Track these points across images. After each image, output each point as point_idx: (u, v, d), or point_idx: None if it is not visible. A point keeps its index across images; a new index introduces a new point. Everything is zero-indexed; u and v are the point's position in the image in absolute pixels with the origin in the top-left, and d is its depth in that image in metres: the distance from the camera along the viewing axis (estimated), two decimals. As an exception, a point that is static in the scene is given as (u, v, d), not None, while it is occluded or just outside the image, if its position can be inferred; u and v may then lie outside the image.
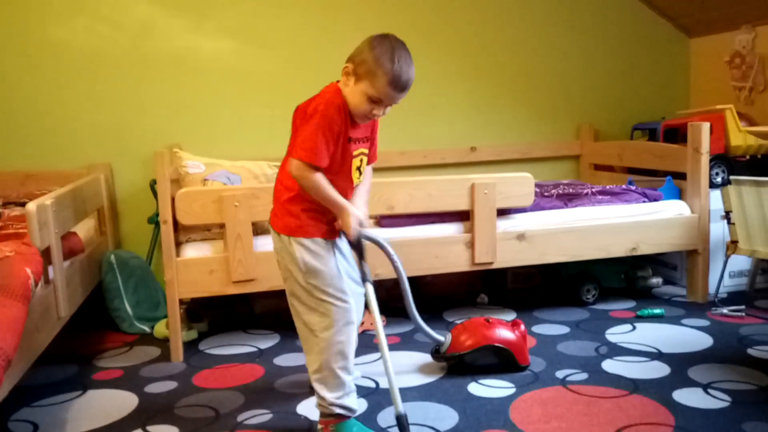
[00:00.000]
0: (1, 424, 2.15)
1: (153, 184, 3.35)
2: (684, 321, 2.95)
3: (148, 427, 2.10)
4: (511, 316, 3.10)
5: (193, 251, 2.72)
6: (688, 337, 2.76)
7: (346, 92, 1.87)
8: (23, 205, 2.56)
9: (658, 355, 2.56)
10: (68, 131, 3.39)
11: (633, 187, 3.32)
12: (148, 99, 3.46)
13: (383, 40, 1.85)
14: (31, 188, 3.21)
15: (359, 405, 2.17)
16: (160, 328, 2.99)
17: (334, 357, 1.93)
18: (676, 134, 3.47)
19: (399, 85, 1.83)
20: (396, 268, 2.23)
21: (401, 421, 1.83)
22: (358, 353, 2.43)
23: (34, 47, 3.32)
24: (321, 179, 1.87)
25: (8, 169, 3.31)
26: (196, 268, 2.64)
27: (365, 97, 1.84)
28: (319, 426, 2.00)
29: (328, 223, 1.95)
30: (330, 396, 1.94)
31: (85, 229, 2.99)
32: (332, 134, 1.85)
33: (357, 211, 1.93)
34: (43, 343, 2.20)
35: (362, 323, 2.92)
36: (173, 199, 2.60)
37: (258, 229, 2.69)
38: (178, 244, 2.74)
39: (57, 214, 2.39)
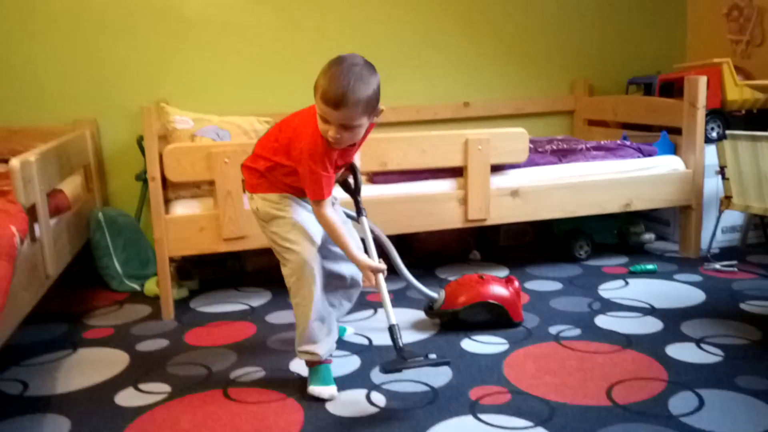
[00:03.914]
0: (-9, 383, 2.14)
1: (140, 141, 3.28)
2: (676, 276, 2.96)
3: (140, 385, 2.09)
4: (503, 272, 3.09)
5: (182, 208, 2.67)
6: (680, 292, 2.76)
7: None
8: (6, 161, 2.49)
9: (651, 311, 2.56)
10: (52, 86, 3.30)
11: (627, 143, 3.28)
12: (135, 52, 3.37)
13: (335, 59, 1.83)
14: (14, 144, 3.12)
15: (352, 362, 2.19)
16: (150, 286, 2.96)
17: (300, 302, 1.99)
18: (672, 88, 3.42)
19: (329, 100, 1.77)
20: (375, 234, 2.28)
21: (393, 331, 1.94)
22: (352, 309, 2.42)
23: (14, -2, 3.21)
24: (334, 220, 1.94)
25: (-9, 125, 3.24)
26: (185, 226, 2.60)
27: (319, 116, 1.85)
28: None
29: (288, 185, 2.01)
30: (297, 341, 2.03)
31: (71, 186, 2.93)
32: (330, 161, 1.90)
33: (370, 262, 1.97)
34: (31, 301, 2.16)
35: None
36: (161, 156, 2.54)
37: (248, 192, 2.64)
38: (167, 202, 2.69)
39: (42, 171, 2.33)
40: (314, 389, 1.98)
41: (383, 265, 1.97)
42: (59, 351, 2.39)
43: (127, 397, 2.01)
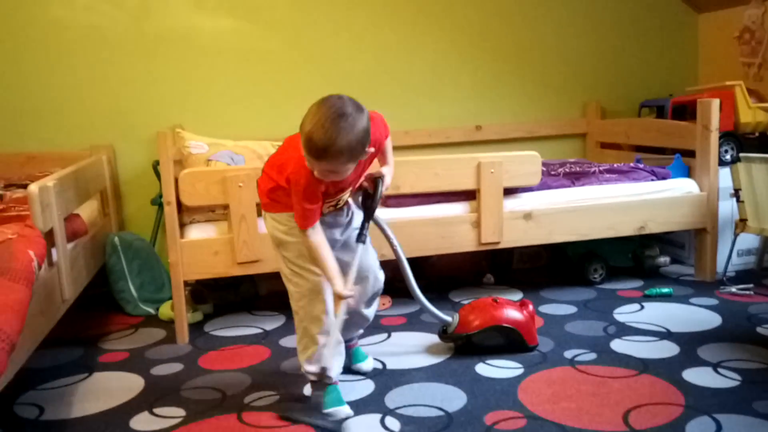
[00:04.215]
0: (7, 407, 2.14)
1: (156, 165, 3.32)
2: (692, 300, 2.93)
3: (155, 409, 2.09)
4: (517, 296, 3.08)
5: (197, 232, 2.69)
6: (696, 316, 2.74)
7: None
8: (25, 187, 2.53)
9: (667, 335, 2.54)
10: (70, 112, 3.36)
11: (641, 165, 3.28)
12: (150, 79, 3.42)
13: (321, 102, 1.75)
14: (32, 170, 3.18)
15: (366, 386, 2.19)
16: (164, 310, 2.98)
17: (309, 326, 2.01)
18: (685, 111, 3.42)
19: (311, 150, 1.73)
20: (395, 251, 2.31)
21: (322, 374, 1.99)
22: (363, 334, 2.43)
23: (35, 26, 3.28)
24: (317, 244, 1.92)
25: (9, 151, 3.29)
26: (200, 250, 2.62)
27: (305, 157, 1.80)
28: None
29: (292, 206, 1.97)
30: (303, 361, 2.04)
31: (88, 211, 2.96)
32: (314, 195, 1.87)
33: (341, 288, 1.91)
34: (48, 325, 2.18)
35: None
36: (176, 180, 2.57)
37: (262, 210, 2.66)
38: (182, 226, 2.71)
39: (59, 196, 2.37)
40: (331, 410, 1.98)
41: (348, 293, 1.91)
42: (75, 375, 2.40)
43: (142, 422, 2.02)
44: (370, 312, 2.26)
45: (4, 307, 1.70)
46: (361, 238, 2.05)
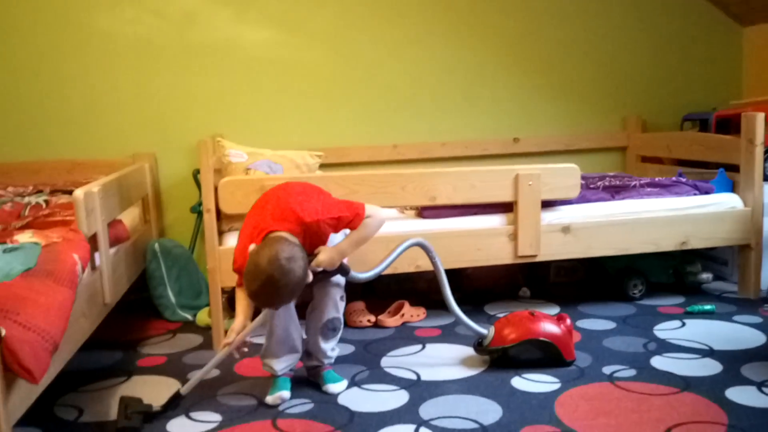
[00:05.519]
0: (48, 407, 2.19)
1: (196, 174, 3.38)
2: (735, 317, 2.86)
3: (191, 414, 2.11)
4: (554, 310, 3.04)
5: (235, 240, 2.70)
6: (740, 333, 2.67)
7: None
8: (70, 192, 2.59)
9: (710, 352, 2.48)
10: (114, 121, 3.43)
11: (683, 180, 3.22)
12: (192, 88, 3.48)
13: (260, 264, 1.89)
14: (77, 176, 3.26)
15: (400, 397, 2.19)
16: (202, 317, 3.01)
17: (270, 324, 2.22)
18: (729, 125, 3.35)
19: (258, 303, 2.05)
20: (434, 264, 2.36)
21: (176, 397, 2.11)
22: (398, 345, 2.42)
23: (81, 37, 3.37)
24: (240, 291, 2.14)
25: (55, 158, 3.37)
26: (238, 257, 2.64)
27: None
28: None
29: None
30: (261, 353, 2.27)
31: (130, 217, 3.02)
32: None
33: (235, 328, 2.11)
34: (89, 328, 2.22)
35: (402, 314, 2.91)
36: (216, 189, 2.61)
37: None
38: (221, 233, 2.74)
39: (104, 202, 2.42)
40: (268, 398, 2.18)
41: (227, 339, 2.10)
42: (114, 378, 2.44)
43: (179, 426, 2.04)
44: (323, 345, 2.28)
45: (49, 309, 1.74)
46: None
